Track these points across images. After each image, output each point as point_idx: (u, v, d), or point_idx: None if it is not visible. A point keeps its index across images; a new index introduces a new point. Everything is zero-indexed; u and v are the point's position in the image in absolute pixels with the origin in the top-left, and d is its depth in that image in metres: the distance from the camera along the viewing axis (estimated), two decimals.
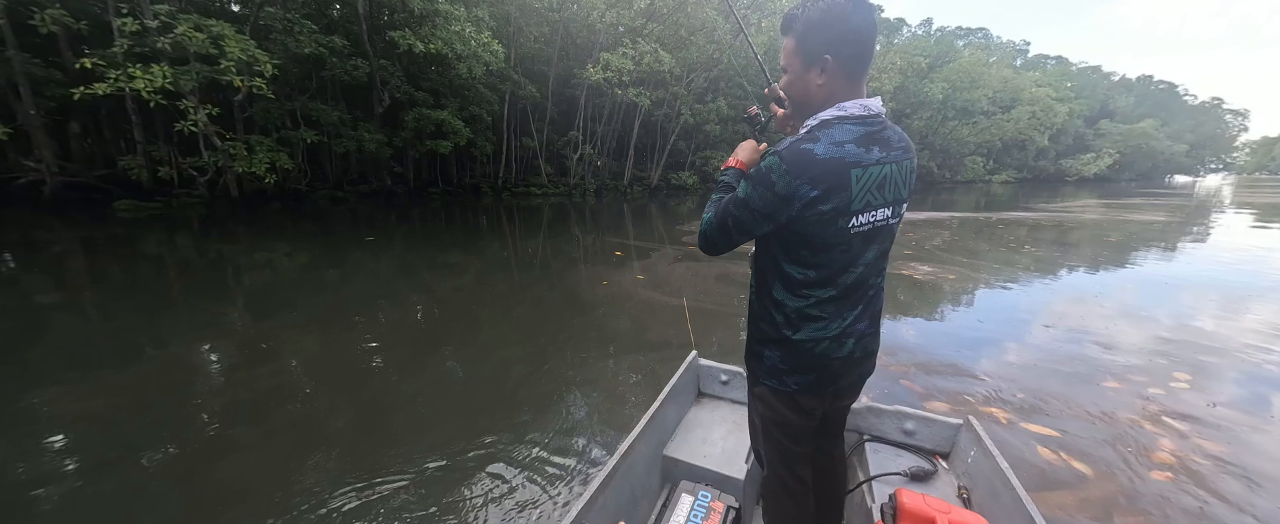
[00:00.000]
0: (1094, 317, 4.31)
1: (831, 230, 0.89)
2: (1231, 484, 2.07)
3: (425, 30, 11.92)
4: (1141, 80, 63.30)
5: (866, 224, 0.91)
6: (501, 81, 16.04)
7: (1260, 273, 6.21)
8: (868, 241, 0.94)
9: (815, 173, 0.85)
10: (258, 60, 9.52)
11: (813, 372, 0.99)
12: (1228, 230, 10.68)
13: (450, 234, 9.05)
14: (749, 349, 1.09)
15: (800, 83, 0.94)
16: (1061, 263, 6.87)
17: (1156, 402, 2.74)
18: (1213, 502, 1.96)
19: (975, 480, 1.37)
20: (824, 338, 0.97)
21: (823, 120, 0.91)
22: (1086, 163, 44.83)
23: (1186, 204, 18.44)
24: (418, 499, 1.86)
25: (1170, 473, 2.13)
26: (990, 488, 1.28)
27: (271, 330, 3.75)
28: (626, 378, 2.97)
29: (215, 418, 2.48)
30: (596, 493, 1.19)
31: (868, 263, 0.96)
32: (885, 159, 0.90)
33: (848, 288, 0.96)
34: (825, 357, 0.98)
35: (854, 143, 0.88)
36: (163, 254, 6.63)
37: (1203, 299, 4.91)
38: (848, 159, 0.86)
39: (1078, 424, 2.48)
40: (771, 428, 1.07)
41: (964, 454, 1.46)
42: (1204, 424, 2.53)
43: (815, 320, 0.96)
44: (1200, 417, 2.61)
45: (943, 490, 1.41)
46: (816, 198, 0.86)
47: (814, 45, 0.89)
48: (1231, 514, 1.90)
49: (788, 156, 0.86)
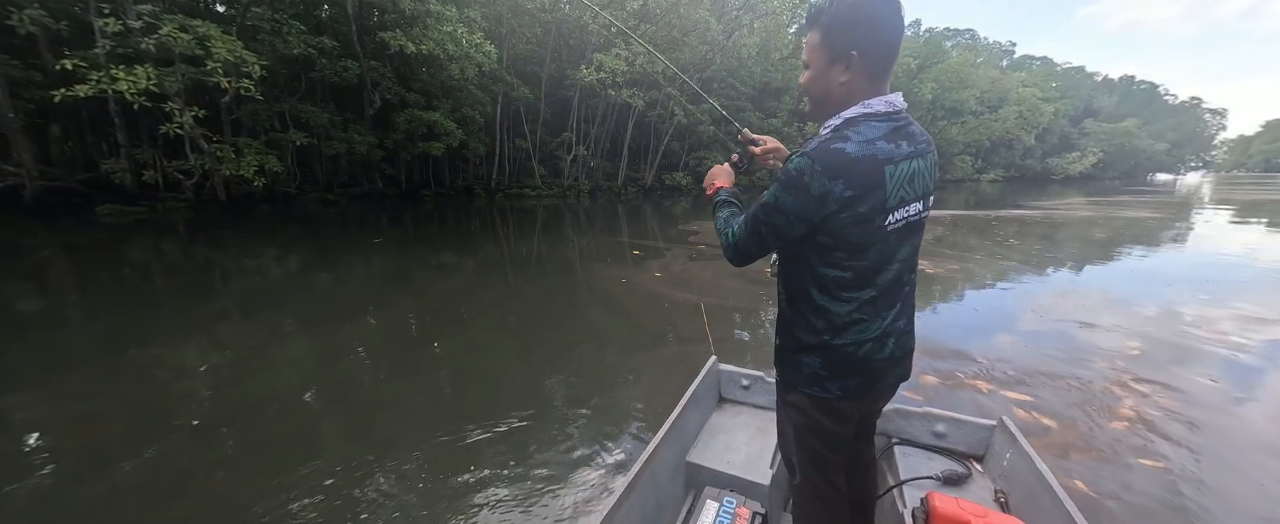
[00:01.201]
0: (1080, 306, 4.52)
1: (868, 230, 0.88)
2: (1175, 427, 2.44)
3: (416, 31, 11.81)
4: (1124, 80, 64.64)
5: (901, 220, 0.90)
6: (494, 83, 15.94)
7: (1237, 266, 6.50)
8: (902, 238, 0.93)
9: (849, 172, 0.83)
10: (245, 61, 9.35)
11: (856, 376, 0.97)
12: (1209, 225, 10.94)
13: (444, 236, 8.95)
14: (783, 357, 1.05)
15: (822, 80, 0.92)
16: (1053, 257, 7.06)
17: (1128, 375, 3.03)
18: (1157, 440, 2.32)
19: (1012, 483, 1.31)
20: (866, 340, 0.94)
21: (848, 119, 0.89)
22: (1072, 161, 45.61)
23: (1169, 201, 19.01)
24: (439, 506, 1.83)
25: (1126, 423, 2.47)
26: (1028, 491, 1.23)
27: (262, 336, 3.66)
28: (653, 376, 2.97)
29: (199, 424, 2.41)
30: (620, 501, 1.17)
31: (903, 260, 0.95)
32: (913, 153, 0.89)
33: (886, 287, 0.94)
34: (868, 359, 0.95)
35: (883, 139, 0.86)
36: (148, 259, 6.47)
37: (1182, 291, 5.13)
38: (881, 156, 0.85)
39: (1053, 392, 2.77)
40: (806, 435, 1.04)
41: (999, 457, 1.40)
42: (1168, 389, 2.86)
43: (857, 323, 0.94)
44: (1166, 381, 2.95)
45: (977, 494, 1.35)
46: (852, 198, 0.84)
47: (841, 41, 0.87)
48: (1170, 448, 2.26)
49: (819, 157, 0.84)
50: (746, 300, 4.60)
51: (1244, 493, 1.95)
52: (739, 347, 3.53)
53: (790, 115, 25.39)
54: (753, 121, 23.40)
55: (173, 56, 9.14)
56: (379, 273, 5.84)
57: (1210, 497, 1.91)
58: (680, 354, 3.29)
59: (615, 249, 7.51)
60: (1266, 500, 1.91)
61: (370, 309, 4.34)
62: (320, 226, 9.76)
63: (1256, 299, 4.72)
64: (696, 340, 3.48)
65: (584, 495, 1.88)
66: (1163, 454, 2.19)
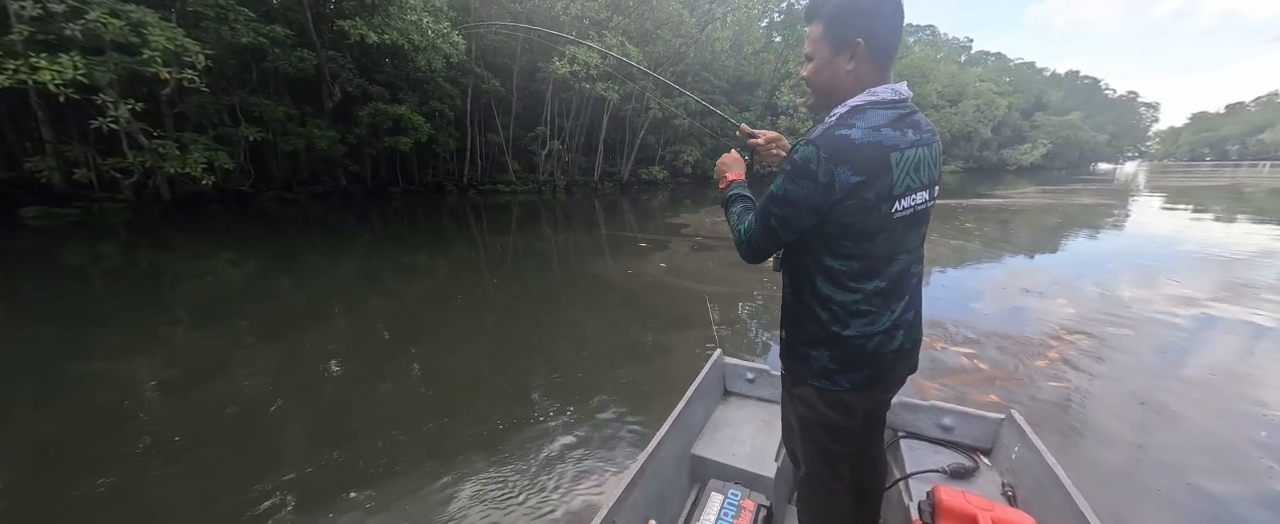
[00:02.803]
0: (1031, 281, 5.08)
1: (875, 217, 0.86)
2: (1086, 362, 3.00)
3: (378, 20, 11.25)
4: (1069, 75, 68.79)
5: (908, 208, 0.89)
6: (463, 75, 15.42)
7: (1169, 243, 7.27)
8: (909, 227, 0.92)
9: (855, 158, 0.82)
10: (187, 50, 8.66)
11: (865, 368, 0.95)
12: (1144, 211, 11.90)
13: (415, 234, 8.63)
14: (790, 350, 1.03)
15: (827, 70, 0.91)
16: (1012, 241, 7.63)
17: (1061, 330, 3.58)
18: (1068, 372, 2.87)
19: (1020, 478, 1.30)
20: (875, 332, 0.93)
21: (854, 106, 0.88)
22: (1024, 152, 48.16)
23: (1110, 188, 20.48)
24: (448, 491, 1.87)
25: (1047, 362, 3.01)
26: (1037, 485, 1.22)
27: (221, 347, 3.42)
28: (660, 360, 3.10)
29: (151, 448, 2.22)
30: (626, 491, 1.17)
31: (910, 250, 0.94)
32: (918, 141, 0.89)
33: (894, 277, 0.93)
34: (878, 352, 0.94)
35: (889, 126, 0.85)
36: (86, 265, 5.95)
37: (1117, 267, 5.79)
38: (886, 143, 0.84)
39: (996, 344, 3.29)
40: (813, 429, 1.02)
41: (1007, 450, 1.39)
42: (1090, 337, 3.42)
43: (864, 315, 0.92)
44: (1090, 332, 3.51)
45: (984, 488, 1.33)
46: (859, 185, 0.83)
47: (845, 29, 0.86)
48: (1077, 375, 2.83)
49: (824, 144, 0.83)
50: (749, 289, 4.67)
51: (1118, 398, 2.59)
52: (745, 337, 3.56)
53: (763, 109, 25.72)
54: (727, 116, 23.55)
55: (103, 44, 8.38)
56: (346, 275, 5.57)
57: (1092, 401, 2.54)
58: (691, 339, 3.40)
59: (613, 243, 7.42)
60: (1132, 400, 2.57)
61: (361, 309, 4.13)
62: (280, 226, 9.22)
63: (1179, 275, 5.26)
64: (701, 325, 3.63)
65: (589, 485, 1.92)
66: (1067, 379, 2.79)
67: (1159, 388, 2.67)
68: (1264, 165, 57.84)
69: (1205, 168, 53.81)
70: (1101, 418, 2.38)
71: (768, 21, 28.47)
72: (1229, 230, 8.45)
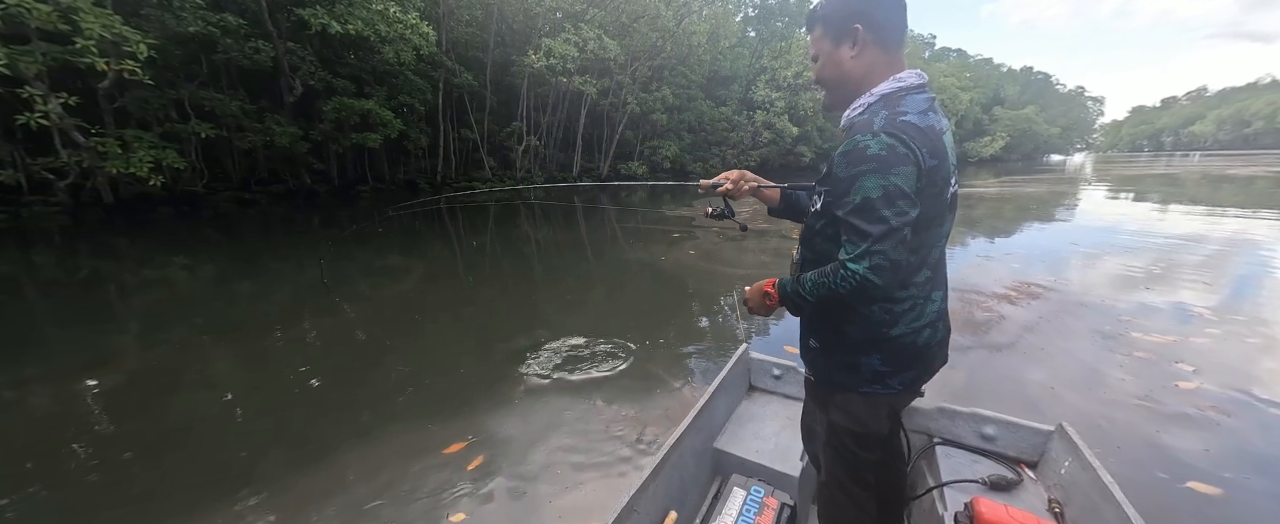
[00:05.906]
0: (998, 252, 5.88)
1: (940, 202, 0.84)
2: (1022, 304, 3.77)
3: (341, 8, 10.66)
4: (1024, 71, 72.15)
5: (954, 191, 0.89)
6: (434, 68, 14.84)
7: (1111, 226, 7.97)
8: (952, 209, 0.90)
9: (925, 141, 0.79)
10: (127, 39, 7.95)
11: (915, 366, 0.91)
12: (1090, 199, 12.78)
13: (387, 236, 8.24)
14: (831, 360, 0.96)
15: (831, 62, 0.89)
16: (978, 225, 8.08)
17: (1013, 297, 4.10)
18: (1007, 312, 3.61)
19: (1070, 494, 1.20)
20: (923, 326, 0.89)
21: (885, 96, 0.83)
22: (984, 145, 50.43)
23: (1062, 177, 21.87)
24: (457, 471, 1.88)
25: (990, 311, 3.66)
26: (1088, 503, 1.12)
27: (177, 361, 3.12)
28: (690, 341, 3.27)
29: (100, 470, 1.98)
30: (648, 481, 1.17)
31: (947, 234, 0.91)
32: (947, 126, 0.87)
33: (934, 264, 0.90)
34: (926, 347, 0.90)
35: (930, 111, 0.83)
36: (17, 274, 5.39)
37: (1067, 243, 6.52)
38: (938, 126, 0.82)
39: (958, 301, 3.84)
40: (842, 436, 0.98)
41: (1056, 464, 1.28)
42: (1032, 286, 4.27)
43: (911, 309, 0.88)
44: (1035, 282, 4.37)
45: (1029, 503, 1.23)
46: (933, 168, 0.79)
47: (840, 17, 0.85)
48: (1012, 309, 3.64)
49: (897, 130, 0.77)
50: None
51: (1048, 335, 3.22)
52: (768, 332, 3.53)
53: (739, 104, 25.93)
54: (704, 111, 23.67)
55: (28, 33, 7.59)
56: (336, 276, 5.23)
57: (1033, 335, 3.20)
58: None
59: (608, 239, 7.26)
60: (1060, 332, 3.26)
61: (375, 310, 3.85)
62: (238, 229, 8.65)
63: (1118, 254, 5.79)
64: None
65: (612, 472, 1.94)
66: (1007, 317, 3.53)
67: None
68: (1194, 155, 65.17)
69: (1144, 159, 58.72)
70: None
71: (742, 16, 28.71)
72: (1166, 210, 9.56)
